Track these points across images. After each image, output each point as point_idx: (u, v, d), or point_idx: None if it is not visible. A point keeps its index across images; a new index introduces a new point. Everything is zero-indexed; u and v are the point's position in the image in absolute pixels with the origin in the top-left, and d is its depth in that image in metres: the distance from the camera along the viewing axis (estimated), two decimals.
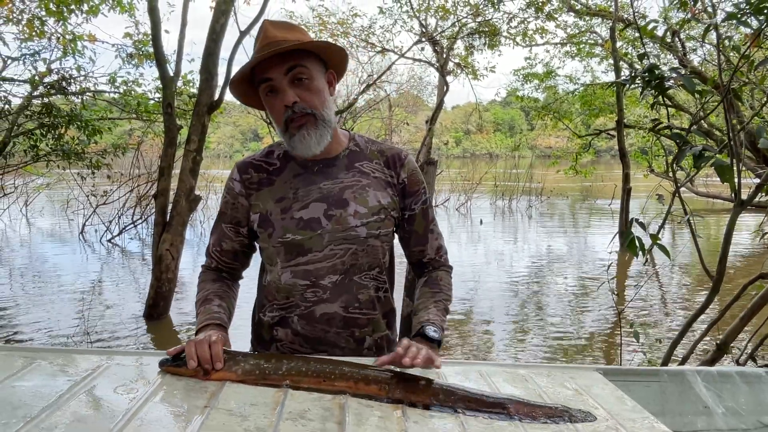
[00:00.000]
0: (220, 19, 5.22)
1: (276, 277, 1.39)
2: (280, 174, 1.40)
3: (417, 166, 1.49)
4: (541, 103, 13.78)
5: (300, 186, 1.38)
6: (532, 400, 1.16)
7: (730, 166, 2.09)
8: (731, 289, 5.24)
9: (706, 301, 2.66)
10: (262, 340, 1.47)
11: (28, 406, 0.96)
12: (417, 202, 1.45)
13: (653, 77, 2.33)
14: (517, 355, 4.67)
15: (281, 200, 1.37)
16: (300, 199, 1.37)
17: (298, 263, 1.36)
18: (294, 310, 1.38)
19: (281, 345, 1.42)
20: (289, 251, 1.36)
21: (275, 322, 1.42)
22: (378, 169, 1.42)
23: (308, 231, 1.35)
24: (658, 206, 4.88)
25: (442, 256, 1.52)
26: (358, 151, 1.43)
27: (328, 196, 1.36)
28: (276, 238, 1.36)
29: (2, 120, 7.94)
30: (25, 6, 7.64)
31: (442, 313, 1.38)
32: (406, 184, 1.43)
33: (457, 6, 10.68)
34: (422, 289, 1.46)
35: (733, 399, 1.43)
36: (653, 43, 9.94)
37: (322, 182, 1.37)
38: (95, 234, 10.09)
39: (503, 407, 1.11)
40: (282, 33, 1.29)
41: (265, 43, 1.28)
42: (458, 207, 15.26)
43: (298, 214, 1.35)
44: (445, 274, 1.50)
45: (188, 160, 5.29)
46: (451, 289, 1.48)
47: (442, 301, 1.41)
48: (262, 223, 1.38)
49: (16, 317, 5.37)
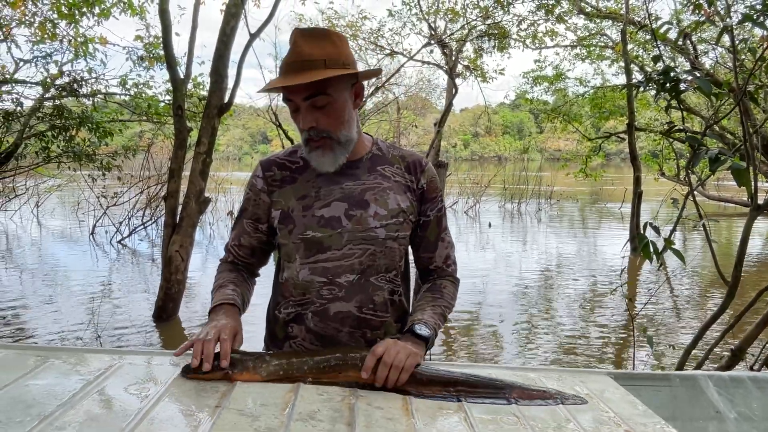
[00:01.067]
0: (230, 22, 5.25)
1: (293, 274, 1.41)
2: (303, 173, 1.42)
3: (436, 173, 1.51)
4: (551, 106, 13.73)
5: (322, 185, 1.39)
6: (526, 384, 1.23)
7: (746, 169, 2.07)
8: (743, 294, 5.20)
9: (721, 307, 2.64)
10: (275, 337, 1.48)
11: (42, 404, 0.97)
12: (433, 209, 1.48)
13: (668, 80, 2.31)
14: (526, 359, 4.65)
15: (303, 198, 1.39)
16: (322, 197, 1.38)
17: (317, 260, 1.38)
18: (309, 306, 1.39)
19: (294, 342, 1.43)
20: (309, 248, 1.37)
21: (290, 319, 1.43)
22: (399, 174, 1.44)
23: (328, 229, 1.36)
24: (669, 210, 4.84)
25: (449, 265, 1.53)
26: (380, 155, 1.46)
27: (349, 196, 1.38)
28: (296, 235, 1.38)
29: (14, 122, 8.02)
30: (38, 9, 7.73)
31: (438, 317, 1.38)
32: (425, 190, 1.46)
33: (466, 9, 10.67)
34: (423, 294, 1.48)
35: (745, 404, 1.41)
36: (665, 46, 9.88)
37: (344, 182, 1.39)
38: (105, 235, 10.15)
39: (502, 391, 1.20)
40: (310, 47, 1.27)
41: (291, 60, 1.28)
42: (467, 210, 15.23)
43: (319, 212, 1.37)
44: (450, 284, 1.51)
45: (198, 162, 5.31)
46: (453, 299, 1.49)
47: (440, 306, 1.42)
48: (283, 220, 1.40)
49: (26, 318, 5.42)
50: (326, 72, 1.26)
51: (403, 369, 1.19)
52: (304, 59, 1.27)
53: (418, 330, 1.29)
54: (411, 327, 1.31)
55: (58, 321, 5.24)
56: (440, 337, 5.12)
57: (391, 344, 1.22)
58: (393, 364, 1.19)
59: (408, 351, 1.21)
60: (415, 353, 1.22)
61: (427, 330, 1.30)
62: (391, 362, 1.19)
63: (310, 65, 1.26)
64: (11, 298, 6.06)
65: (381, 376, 1.18)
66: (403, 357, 1.20)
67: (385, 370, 1.18)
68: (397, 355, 1.20)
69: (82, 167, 8.56)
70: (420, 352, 1.25)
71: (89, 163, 8.33)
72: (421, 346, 1.27)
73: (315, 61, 1.27)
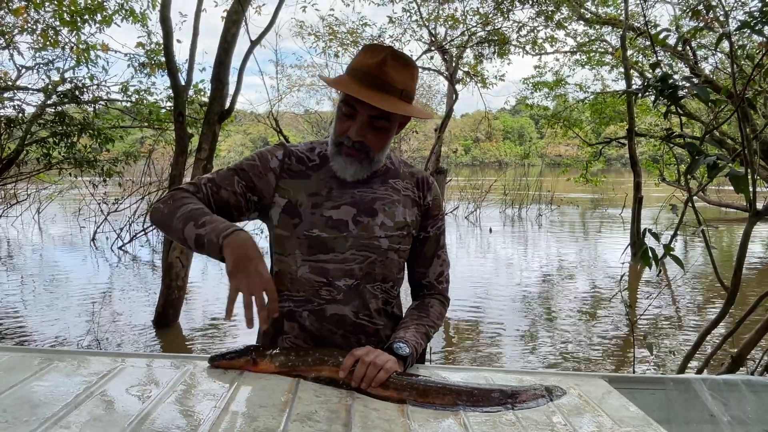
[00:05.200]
0: (231, 29, 5.28)
1: (290, 269, 1.40)
2: (317, 171, 1.42)
3: (439, 191, 1.56)
4: (551, 112, 13.77)
5: (335, 186, 1.41)
6: (515, 386, 1.25)
7: (745, 175, 2.08)
8: (743, 300, 5.20)
9: (721, 313, 2.64)
10: (265, 333, 1.46)
11: (47, 405, 0.99)
12: (433, 226, 1.51)
13: (666, 87, 2.33)
14: (525, 363, 4.66)
15: (314, 195, 1.40)
16: (333, 198, 1.40)
17: (318, 260, 1.38)
18: (306, 305, 1.40)
19: (287, 339, 1.42)
20: (312, 246, 1.38)
21: (283, 314, 1.42)
22: (409, 188, 1.48)
23: (335, 231, 1.38)
24: (670, 216, 4.83)
25: (441, 282, 1.54)
26: (393, 168, 1.49)
27: (359, 202, 1.40)
28: (302, 230, 1.38)
29: (16, 128, 8.04)
30: (40, 16, 7.76)
31: (420, 336, 1.38)
32: (430, 207, 1.50)
33: (466, 15, 10.72)
34: (410, 311, 1.49)
35: (739, 407, 1.42)
36: (664, 52, 9.91)
37: (356, 188, 1.41)
38: (106, 241, 10.18)
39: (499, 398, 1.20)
40: (396, 73, 1.31)
41: (375, 74, 1.30)
42: (467, 215, 15.25)
43: (328, 212, 1.38)
44: (438, 303, 1.51)
45: (199, 168, 5.33)
46: (440, 318, 1.49)
47: (424, 325, 1.43)
48: (287, 211, 1.39)
49: (27, 323, 5.44)
50: (402, 103, 1.32)
51: (382, 368, 1.19)
52: (388, 82, 1.30)
53: (397, 349, 1.29)
54: (390, 344, 1.31)
55: (59, 327, 5.25)
56: (440, 339, 5.13)
57: (371, 349, 1.24)
58: (372, 361, 1.19)
59: (388, 356, 1.23)
60: (394, 360, 1.23)
61: (408, 349, 1.30)
62: (370, 360, 1.19)
63: (390, 89, 1.30)
64: (13, 303, 6.08)
65: (358, 374, 1.19)
66: (384, 358, 1.21)
67: (363, 368, 1.19)
68: (378, 357, 1.21)
69: (84, 173, 8.58)
70: (396, 367, 1.24)
71: (90, 170, 8.34)
72: (399, 364, 1.26)
73: (396, 88, 1.31)
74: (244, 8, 5.33)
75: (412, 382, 1.20)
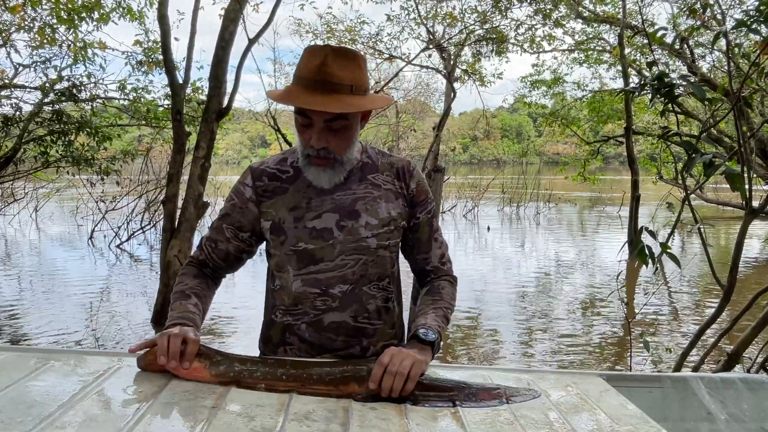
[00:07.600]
0: (229, 27, 5.27)
1: (286, 284, 1.41)
2: (293, 182, 1.42)
3: (423, 175, 1.53)
4: (549, 110, 13.77)
5: (313, 196, 1.39)
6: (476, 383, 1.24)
7: (740, 173, 2.09)
8: (741, 298, 5.22)
9: (717, 311, 2.65)
10: (269, 341, 1.48)
11: (42, 405, 0.99)
12: (422, 211, 1.48)
13: (663, 85, 2.33)
14: (523, 362, 4.66)
15: (294, 209, 1.39)
16: (313, 208, 1.39)
17: (309, 272, 1.38)
18: (303, 317, 1.40)
19: (290, 349, 1.43)
20: (301, 260, 1.38)
21: (286, 326, 1.43)
22: (389, 181, 1.45)
23: (320, 241, 1.37)
24: (668, 213, 4.83)
25: (445, 264, 1.52)
26: (370, 163, 1.46)
27: (340, 206, 1.39)
28: (288, 246, 1.38)
29: (13, 126, 8.03)
30: (37, 14, 7.73)
31: (441, 319, 1.38)
32: (415, 194, 1.47)
33: (464, 13, 10.70)
34: (423, 297, 1.47)
35: (736, 405, 1.43)
36: (662, 50, 9.92)
37: (335, 193, 1.39)
38: (104, 240, 10.16)
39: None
40: (340, 70, 1.27)
41: (318, 77, 1.26)
42: (465, 214, 15.25)
43: (311, 223, 1.38)
44: (448, 284, 1.50)
45: (197, 166, 5.33)
46: (453, 299, 1.48)
47: (441, 308, 1.42)
48: (274, 231, 1.40)
49: (25, 322, 5.42)
50: (353, 99, 1.27)
51: (409, 377, 1.16)
52: (333, 81, 1.26)
53: (424, 336, 1.28)
54: (416, 333, 1.30)
55: (57, 325, 5.24)
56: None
57: (396, 352, 1.19)
58: (398, 371, 1.16)
59: (413, 359, 1.18)
60: (420, 361, 1.19)
61: (433, 334, 1.29)
62: (396, 370, 1.16)
63: (338, 88, 1.26)
64: (10, 302, 6.07)
65: (386, 386, 1.15)
66: (407, 364, 1.17)
67: (390, 380, 1.15)
68: (402, 363, 1.17)
69: (81, 172, 8.58)
70: (426, 359, 1.23)
71: (88, 168, 8.33)
72: (427, 351, 1.26)
73: (344, 85, 1.27)
74: (241, 6, 5.32)
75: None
